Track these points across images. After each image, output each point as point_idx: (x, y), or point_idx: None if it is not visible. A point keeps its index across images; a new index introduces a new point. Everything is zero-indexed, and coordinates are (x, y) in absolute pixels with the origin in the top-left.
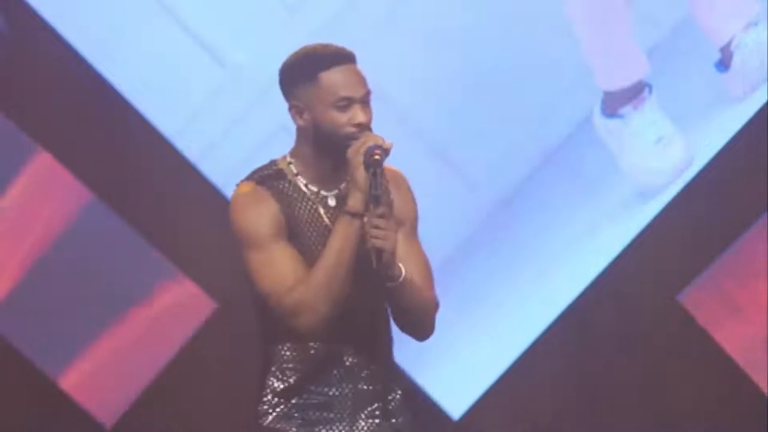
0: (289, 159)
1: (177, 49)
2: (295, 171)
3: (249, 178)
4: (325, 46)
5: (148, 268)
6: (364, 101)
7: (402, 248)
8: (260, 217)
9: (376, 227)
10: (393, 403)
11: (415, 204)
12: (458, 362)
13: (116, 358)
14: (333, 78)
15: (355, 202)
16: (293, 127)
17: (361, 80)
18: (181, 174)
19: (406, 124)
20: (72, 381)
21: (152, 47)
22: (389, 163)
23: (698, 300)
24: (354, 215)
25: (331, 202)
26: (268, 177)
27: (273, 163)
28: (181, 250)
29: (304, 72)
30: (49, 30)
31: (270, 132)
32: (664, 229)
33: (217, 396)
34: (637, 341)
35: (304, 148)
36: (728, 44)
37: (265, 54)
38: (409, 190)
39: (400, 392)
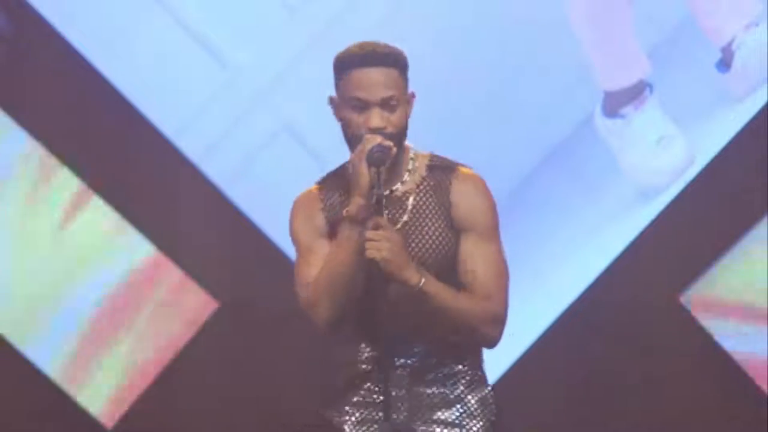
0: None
1: (178, 49)
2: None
3: (319, 179)
4: (363, 46)
5: (148, 267)
6: (384, 105)
7: (466, 251)
8: (302, 223)
9: (369, 239)
10: (459, 412)
11: (489, 209)
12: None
13: (117, 357)
14: (354, 78)
15: (353, 207)
16: (295, 127)
17: (385, 84)
18: (182, 174)
19: None
20: (73, 381)
21: (153, 47)
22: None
23: (699, 300)
24: (353, 221)
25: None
26: (331, 175)
27: (345, 162)
28: (181, 250)
29: (338, 69)
30: (50, 30)
31: (271, 132)
32: (666, 229)
33: (217, 396)
34: (639, 341)
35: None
36: (729, 44)
37: (266, 54)
38: (481, 195)
39: (474, 401)
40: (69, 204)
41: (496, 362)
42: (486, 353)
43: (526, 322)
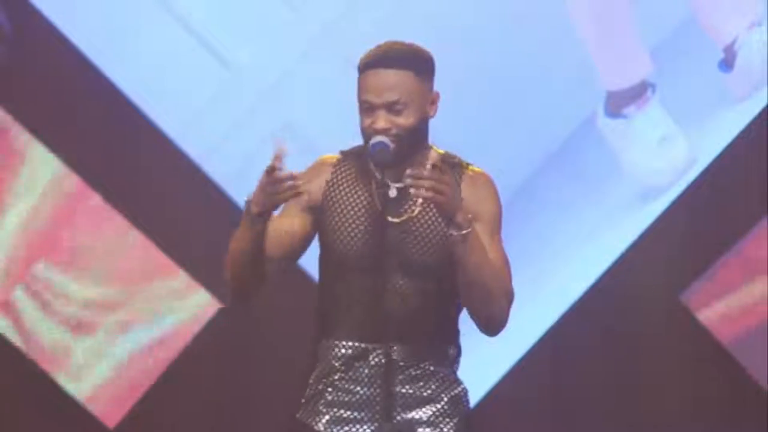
0: None
1: (180, 49)
2: None
3: (345, 149)
4: (378, 48)
5: (148, 267)
6: (389, 108)
7: None
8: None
9: (435, 179)
10: (432, 411)
11: (494, 205)
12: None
13: (119, 358)
14: (363, 81)
15: (256, 197)
16: (296, 127)
17: (388, 87)
18: (184, 174)
19: None
20: (74, 381)
21: (156, 47)
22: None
23: (700, 300)
24: (259, 215)
25: (392, 193)
26: (353, 152)
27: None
28: (183, 250)
29: (358, 71)
30: (52, 30)
31: (273, 131)
32: (667, 229)
33: (218, 396)
34: (640, 341)
35: None
36: (732, 44)
37: (269, 54)
38: (488, 190)
39: (446, 400)
40: (69, 204)
41: (497, 362)
42: (487, 354)
43: (528, 322)
